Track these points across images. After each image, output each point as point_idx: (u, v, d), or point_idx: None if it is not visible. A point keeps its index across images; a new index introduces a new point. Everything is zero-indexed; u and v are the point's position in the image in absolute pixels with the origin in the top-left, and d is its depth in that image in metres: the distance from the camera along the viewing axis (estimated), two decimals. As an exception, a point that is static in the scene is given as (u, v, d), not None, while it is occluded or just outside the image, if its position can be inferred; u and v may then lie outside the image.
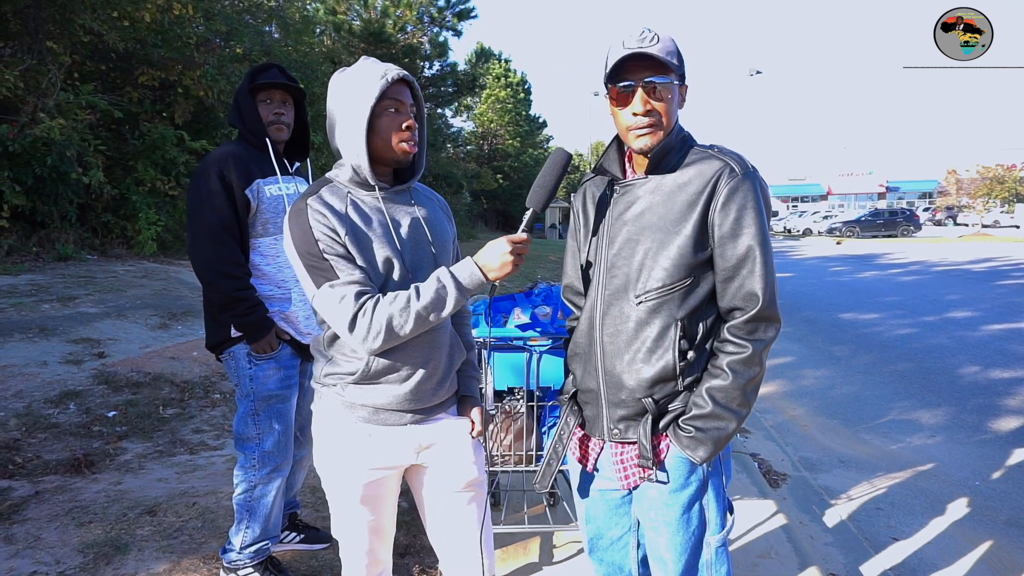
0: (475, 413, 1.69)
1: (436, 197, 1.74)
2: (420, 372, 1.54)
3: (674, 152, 1.46)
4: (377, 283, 1.49)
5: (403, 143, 1.51)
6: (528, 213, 1.47)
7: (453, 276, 1.45)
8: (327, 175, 1.58)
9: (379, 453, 1.57)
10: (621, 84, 1.42)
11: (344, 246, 1.46)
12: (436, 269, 1.50)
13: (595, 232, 1.55)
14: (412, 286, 1.46)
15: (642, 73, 1.40)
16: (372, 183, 1.52)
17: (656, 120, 1.41)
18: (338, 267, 1.44)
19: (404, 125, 1.50)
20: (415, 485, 1.71)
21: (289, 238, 1.48)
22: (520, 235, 1.44)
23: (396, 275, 1.51)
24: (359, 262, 1.47)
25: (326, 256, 1.44)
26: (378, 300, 1.44)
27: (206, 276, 2.18)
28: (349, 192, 1.53)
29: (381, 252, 1.49)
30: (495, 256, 1.43)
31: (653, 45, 1.39)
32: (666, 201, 1.43)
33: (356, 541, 1.65)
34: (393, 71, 1.48)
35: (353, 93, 1.48)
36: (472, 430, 1.66)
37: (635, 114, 1.41)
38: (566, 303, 1.71)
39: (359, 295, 1.43)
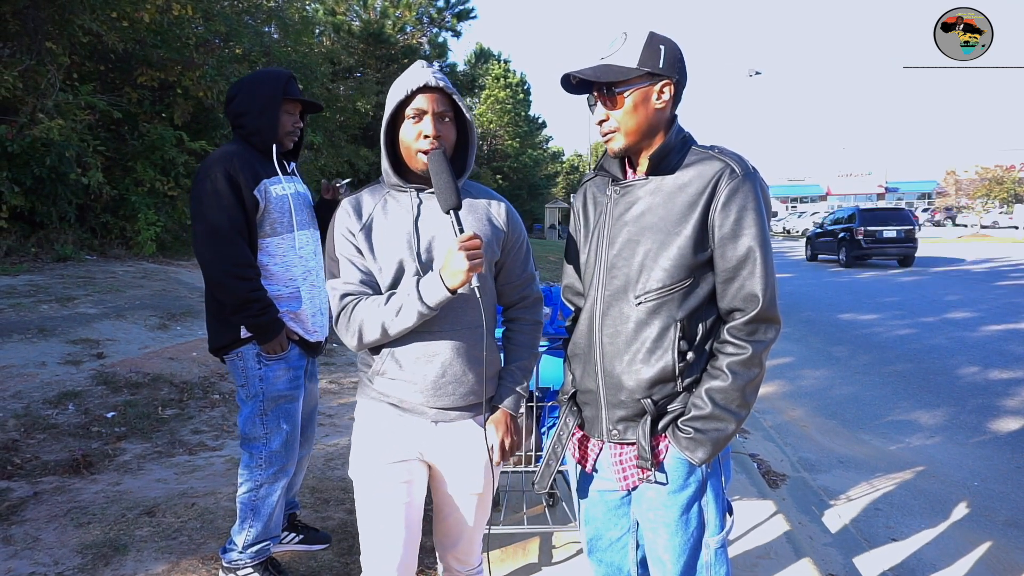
0: (491, 428, 1.62)
1: (487, 200, 1.66)
2: (430, 373, 1.54)
3: (674, 153, 1.46)
4: (387, 281, 1.54)
5: (420, 153, 1.51)
6: (451, 217, 1.46)
7: (416, 286, 1.47)
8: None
9: (402, 439, 1.59)
10: (587, 96, 1.50)
11: (356, 246, 1.54)
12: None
13: (595, 232, 1.55)
14: (387, 293, 1.52)
15: (598, 84, 1.44)
16: (402, 186, 1.57)
17: (613, 127, 1.45)
18: (342, 266, 1.56)
19: (422, 135, 1.50)
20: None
21: None
22: (464, 235, 1.42)
23: (409, 275, 1.53)
24: (368, 261, 1.54)
25: (337, 254, 1.56)
26: (358, 303, 1.51)
27: (218, 278, 2.16)
28: (388, 192, 1.60)
29: (396, 252, 1.53)
30: (449, 263, 1.42)
31: (613, 54, 1.43)
32: (666, 202, 1.43)
33: (379, 535, 1.59)
34: (416, 81, 1.48)
35: (387, 101, 1.53)
36: (489, 452, 1.62)
37: (596, 123, 1.48)
38: (566, 303, 1.71)
39: (344, 296, 1.54)
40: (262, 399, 2.27)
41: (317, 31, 16.34)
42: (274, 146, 2.30)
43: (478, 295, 1.47)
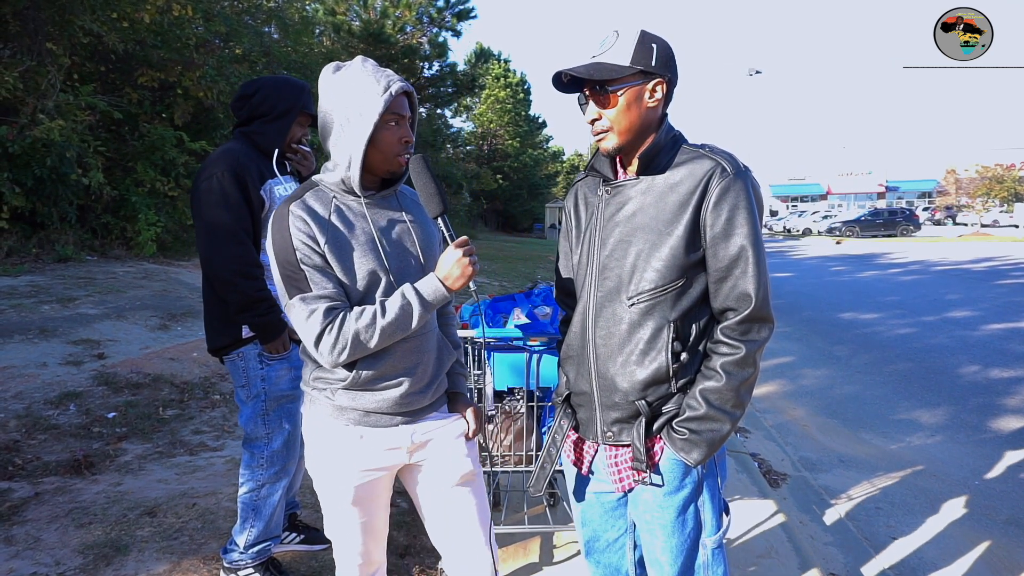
0: (470, 414, 1.69)
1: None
2: (409, 378, 1.54)
3: (664, 152, 1.45)
4: (359, 293, 1.48)
5: (399, 157, 1.51)
6: (440, 222, 1.51)
7: (417, 292, 1.46)
8: (313, 178, 1.55)
9: (370, 455, 1.57)
10: (577, 95, 1.49)
11: (322, 255, 1.44)
12: (421, 275, 1.52)
13: (587, 233, 1.54)
14: (378, 301, 1.47)
15: (590, 82, 1.43)
16: (358, 192, 1.51)
17: (605, 126, 1.44)
18: (312, 279, 1.43)
19: (403, 140, 1.51)
20: (411, 484, 1.70)
21: (270, 243, 1.47)
22: (460, 239, 1.48)
23: (382, 285, 1.50)
24: (337, 272, 1.46)
25: (302, 266, 1.43)
26: (345, 316, 1.43)
27: (227, 277, 2.15)
28: (335, 197, 1.52)
29: (366, 262, 1.48)
30: (452, 265, 1.46)
31: (605, 52, 1.42)
32: (658, 202, 1.42)
33: (349, 542, 1.66)
34: (396, 84, 1.46)
35: (354, 103, 1.45)
36: (468, 431, 1.68)
37: (588, 122, 1.47)
38: (559, 304, 1.71)
39: (328, 311, 1.42)
40: (264, 399, 2.27)
41: (317, 31, 16.35)
42: (276, 150, 2.31)
43: (476, 298, 1.55)
